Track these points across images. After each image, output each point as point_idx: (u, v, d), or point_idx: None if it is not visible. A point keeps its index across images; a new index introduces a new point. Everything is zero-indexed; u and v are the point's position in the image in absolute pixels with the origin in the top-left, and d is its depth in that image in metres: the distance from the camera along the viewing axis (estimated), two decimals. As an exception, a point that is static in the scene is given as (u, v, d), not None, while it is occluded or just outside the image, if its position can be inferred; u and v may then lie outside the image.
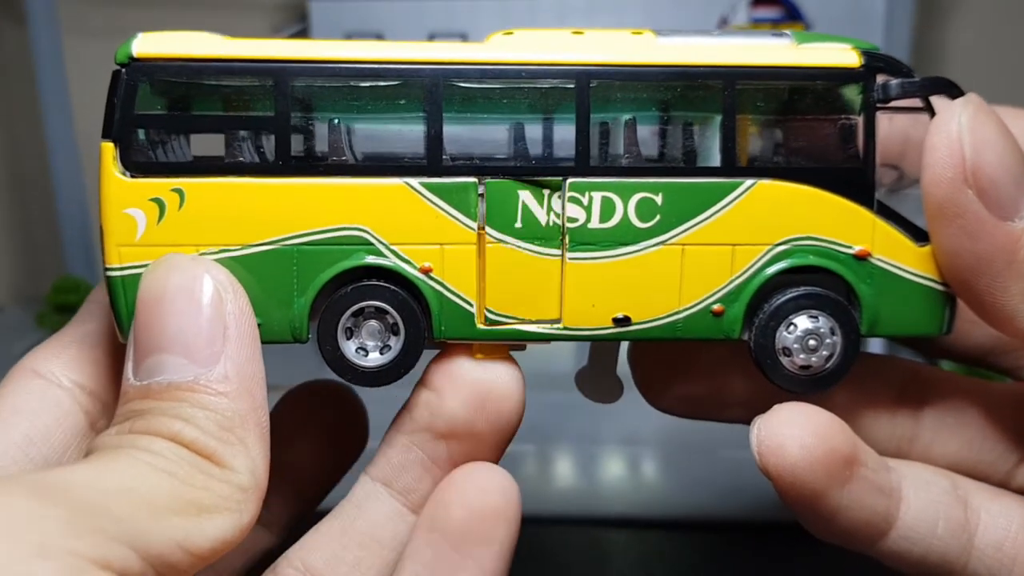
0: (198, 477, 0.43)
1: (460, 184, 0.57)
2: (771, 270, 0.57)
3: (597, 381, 0.66)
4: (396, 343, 0.58)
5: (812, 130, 0.59)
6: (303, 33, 1.61)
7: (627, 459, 1.25)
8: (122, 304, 0.53)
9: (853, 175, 0.56)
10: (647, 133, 0.61)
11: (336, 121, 0.60)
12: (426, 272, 0.57)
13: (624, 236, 0.57)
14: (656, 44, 0.58)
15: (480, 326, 0.58)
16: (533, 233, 0.57)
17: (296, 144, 0.58)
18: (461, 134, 0.60)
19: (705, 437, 0.99)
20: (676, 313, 0.57)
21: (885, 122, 0.57)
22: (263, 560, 0.63)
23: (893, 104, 0.57)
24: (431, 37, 1.54)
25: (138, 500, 0.41)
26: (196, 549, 0.42)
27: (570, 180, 0.57)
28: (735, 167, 0.57)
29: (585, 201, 0.57)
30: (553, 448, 1.26)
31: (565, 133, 0.59)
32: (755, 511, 1.10)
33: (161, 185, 0.55)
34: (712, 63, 0.57)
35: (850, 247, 0.56)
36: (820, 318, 0.56)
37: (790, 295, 0.56)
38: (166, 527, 0.41)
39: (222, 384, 0.46)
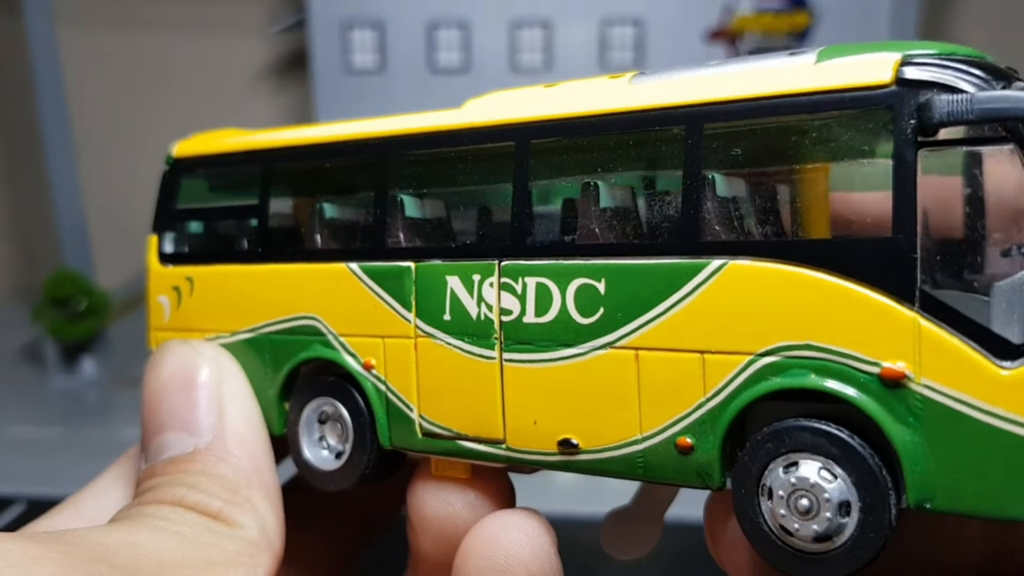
0: (205, 535, 0.44)
1: (393, 269, 0.49)
2: (753, 392, 0.39)
3: (633, 527, 0.53)
4: (348, 446, 0.51)
5: (811, 185, 0.42)
6: (302, 24, 1.59)
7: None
8: None
9: (880, 250, 0.36)
10: (592, 201, 0.46)
11: (302, 205, 0.57)
12: (368, 368, 0.50)
13: (565, 334, 0.44)
14: (624, 87, 0.44)
15: (420, 436, 0.49)
16: (463, 327, 0.46)
17: (272, 231, 0.57)
18: (407, 211, 0.52)
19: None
20: (634, 443, 0.42)
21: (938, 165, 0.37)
22: None
23: (947, 136, 0.36)
24: (431, 25, 1.53)
25: (143, 553, 0.41)
26: None
27: (504, 263, 0.45)
28: (699, 242, 0.40)
29: (519, 288, 0.45)
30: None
31: (503, 205, 0.49)
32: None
33: (180, 273, 0.58)
34: (670, 103, 0.42)
35: (875, 363, 0.36)
36: (838, 480, 0.37)
37: (815, 424, 0.38)
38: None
39: (221, 450, 0.48)
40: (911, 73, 0.36)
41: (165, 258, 0.59)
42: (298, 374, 0.53)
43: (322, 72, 1.56)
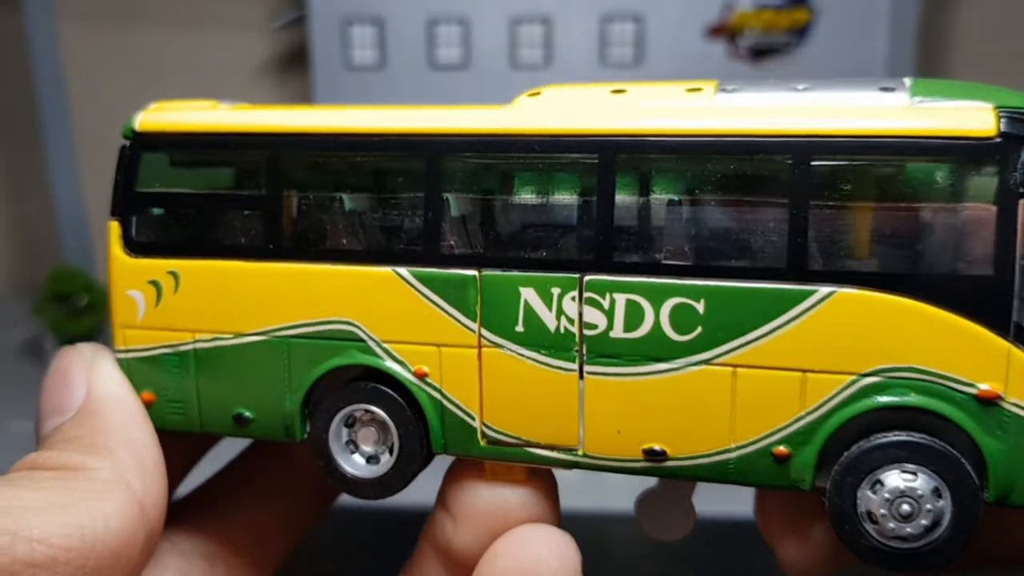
0: (46, 483, 0.46)
1: (456, 277, 0.48)
2: (855, 408, 0.43)
3: (664, 510, 0.54)
4: (390, 456, 0.50)
5: (919, 223, 0.45)
6: (302, 19, 1.59)
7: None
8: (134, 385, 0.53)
9: (980, 287, 0.42)
10: (688, 221, 0.48)
11: (331, 200, 0.53)
12: (421, 376, 0.49)
13: (656, 350, 0.45)
14: (713, 104, 0.46)
15: (482, 444, 0.49)
16: (538, 339, 0.47)
17: (289, 226, 0.52)
18: (464, 217, 0.50)
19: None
20: (726, 451, 0.45)
21: None
22: None
23: None
24: (431, 21, 1.53)
25: None
26: (44, 536, 0.42)
27: (588, 277, 0.46)
28: (806, 269, 0.44)
29: (606, 304, 0.46)
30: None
31: (586, 218, 0.49)
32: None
33: (158, 266, 0.53)
34: (780, 131, 0.43)
35: (972, 385, 0.42)
36: (919, 475, 0.42)
37: (877, 442, 0.43)
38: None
39: (82, 416, 0.51)
40: (1011, 127, 0.41)
41: (136, 248, 0.54)
42: (321, 381, 0.52)
43: (322, 68, 1.56)
